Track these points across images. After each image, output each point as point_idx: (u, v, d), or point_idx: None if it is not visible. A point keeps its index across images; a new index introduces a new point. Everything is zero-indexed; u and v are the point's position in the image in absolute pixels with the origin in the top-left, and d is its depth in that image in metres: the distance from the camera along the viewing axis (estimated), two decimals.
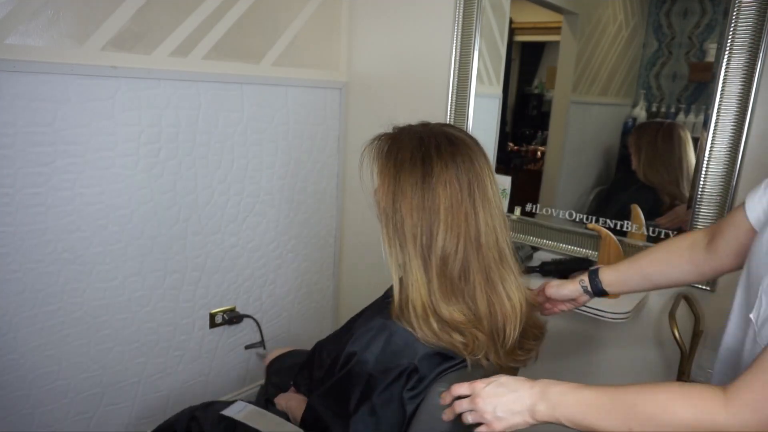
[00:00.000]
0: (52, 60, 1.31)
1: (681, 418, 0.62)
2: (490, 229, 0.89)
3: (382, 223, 0.92)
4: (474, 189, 0.88)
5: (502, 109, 1.77)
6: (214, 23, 1.59)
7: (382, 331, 0.90)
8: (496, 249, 0.91)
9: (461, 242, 0.87)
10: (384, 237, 0.91)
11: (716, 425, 0.60)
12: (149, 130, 1.51)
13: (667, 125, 1.42)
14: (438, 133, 0.92)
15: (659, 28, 1.39)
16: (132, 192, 1.51)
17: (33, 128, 1.30)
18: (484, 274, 0.89)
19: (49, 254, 1.39)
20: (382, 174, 0.91)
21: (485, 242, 0.89)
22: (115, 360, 1.59)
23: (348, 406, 0.90)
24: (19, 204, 1.32)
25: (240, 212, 1.79)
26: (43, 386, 1.45)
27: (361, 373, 0.90)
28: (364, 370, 0.89)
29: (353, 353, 0.92)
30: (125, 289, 1.56)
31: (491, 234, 0.90)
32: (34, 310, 1.39)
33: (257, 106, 1.75)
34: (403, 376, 0.87)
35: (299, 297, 2.07)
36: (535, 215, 1.65)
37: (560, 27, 1.59)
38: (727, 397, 0.60)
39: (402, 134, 0.94)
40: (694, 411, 0.61)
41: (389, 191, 0.89)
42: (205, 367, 1.83)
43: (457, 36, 1.68)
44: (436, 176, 0.87)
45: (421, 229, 0.87)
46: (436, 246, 0.86)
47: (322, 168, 2.01)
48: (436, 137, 0.91)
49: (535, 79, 1.75)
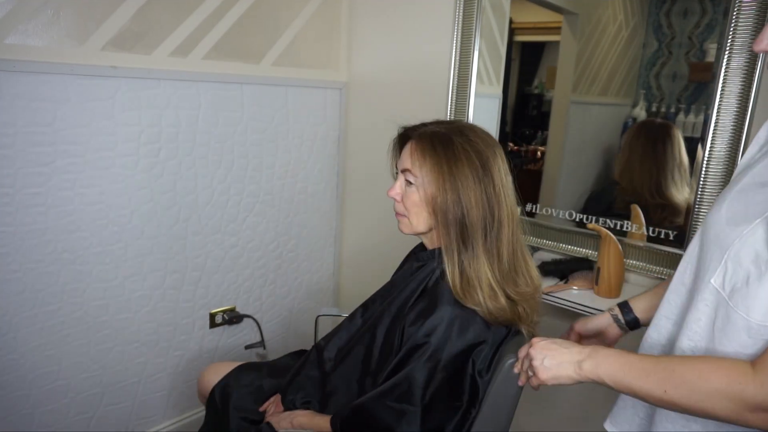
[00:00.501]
0: (52, 60, 1.31)
1: (714, 386, 0.66)
2: (515, 207, 1.01)
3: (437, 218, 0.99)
4: (505, 171, 1.00)
5: (502, 109, 1.77)
6: (214, 23, 1.59)
7: (449, 317, 0.96)
8: (520, 224, 1.04)
9: (512, 222, 0.99)
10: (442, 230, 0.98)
11: (745, 395, 0.64)
12: (149, 130, 1.51)
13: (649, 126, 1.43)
14: (464, 125, 1.03)
15: (659, 28, 1.39)
16: (132, 192, 1.51)
17: (33, 128, 1.31)
18: (521, 247, 1.03)
19: (49, 254, 1.39)
20: (434, 171, 0.98)
21: (518, 219, 1.02)
22: (115, 360, 1.59)
23: (424, 395, 0.94)
24: (19, 204, 1.32)
25: (240, 212, 1.79)
26: (43, 386, 1.46)
27: (432, 365, 0.95)
28: (435, 357, 0.95)
29: (420, 345, 0.96)
30: (125, 289, 1.56)
31: (517, 212, 1.02)
32: (34, 310, 1.39)
33: (257, 106, 1.75)
34: (474, 352, 0.96)
35: (299, 297, 2.07)
36: (535, 215, 1.65)
37: (560, 27, 1.59)
38: (755, 370, 0.64)
39: (432, 131, 1.01)
40: (727, 381, 0.65)
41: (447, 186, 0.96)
42: (205, 367, 1.82)
43: (457, 36, 1.68)
44: (490, 165, 0.97)
45: (485, 217, 0.96)
46: (500, 229, 0.98)
47: (322, 168, 2.01)
48: (464, 129, 1.01)
49: (535, 79, 1.75)
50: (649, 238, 1.43)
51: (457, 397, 0.97)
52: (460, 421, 0.97)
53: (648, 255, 1.43)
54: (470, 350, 0.96)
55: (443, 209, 0.97)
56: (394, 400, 0.95)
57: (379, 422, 0.96)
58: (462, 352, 0.96)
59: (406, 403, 0.94)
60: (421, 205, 1.01)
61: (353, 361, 1.11)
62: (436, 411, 0.95)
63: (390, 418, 0.95)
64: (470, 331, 0.96)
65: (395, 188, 1.04)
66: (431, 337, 0.95)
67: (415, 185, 1.01)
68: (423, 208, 1.01)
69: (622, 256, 1.36)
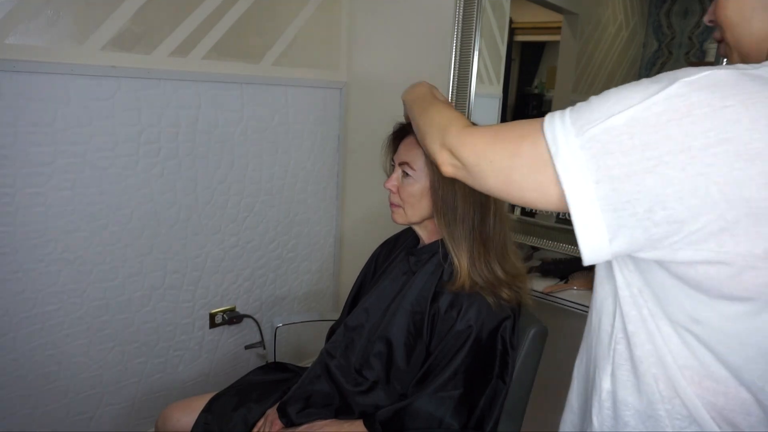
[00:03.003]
0: (52, 60, 1.31)
1: (437, 121, 0.74)
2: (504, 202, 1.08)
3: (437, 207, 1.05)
4: None
5: (502, 109, 1.77)
6: (214, 23, 1.59)
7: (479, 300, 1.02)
8: (507, 215, 1.11)
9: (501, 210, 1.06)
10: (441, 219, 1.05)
11: (456, 131, 0.69)
12: (149, 130, 1.51)
13: None
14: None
15: (659, 28, 1.39)
16: (132, 192, 1.51)
17: (33, 128, 1.31)
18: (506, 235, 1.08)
19: (49, 254, 1.39)
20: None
21: (505, 209, 1.08)
22: (115, 360, 1.59)
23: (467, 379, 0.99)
24: (19, 204, 1.32)
25: (240, 212, 1.79)
26: (43, 386, 1.45)
27: (476, 344, 1.00)
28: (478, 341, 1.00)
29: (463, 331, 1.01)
30: (125, 289, 1.56)
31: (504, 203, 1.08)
32: (34, 310, 1.39)
33: (257, 106, 1.75)
34: (501, 327, 1.02)
35: (299, 297, 2.07)
36: (535, 215, 1.65)
37: (560, 27, 1.59)
38: (464, 127, 0.68)
39: None
40: (447, 120, 0.72)
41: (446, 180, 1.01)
42: (205, 367, 1.83)
43: (457, 36, 1.68)
44: None
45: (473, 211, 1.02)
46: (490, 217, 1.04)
47: (322, 168, 2.01)
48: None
49: (535, 79, 1.75)
50: None
51: (489, 371, 1.01)
52: (490, 394, 1.00)
53: None
54: (499, 326, 1.02)
55: (444, 199, 1.03)
56: (450, 389, 0.99)
57: (426, 416, 0.99)
58: (494, 330, 1.01)
59: (452, 389, 0.99)
60: (420, 197, 1.07)
61: (377, 365, 1.10)
62: (474, 389, 1.00)
63: (436, 409, 0.99)
64: (500, 306, 1.03)
65: (391, 180, 1.11)
66: (473, 322, 1.01)
67: (413, 177, 1.07)
68: (421, 199, 1.07)
69: None
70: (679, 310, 0.55)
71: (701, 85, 0.49)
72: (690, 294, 0.53)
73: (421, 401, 0.99)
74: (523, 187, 0.59)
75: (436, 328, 1.04)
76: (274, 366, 1.38)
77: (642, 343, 0.59)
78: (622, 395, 0.63)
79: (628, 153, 0.50)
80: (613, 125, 0.51)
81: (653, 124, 0.49)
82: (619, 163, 0.50)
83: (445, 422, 0.97)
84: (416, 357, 1.06)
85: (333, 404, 1.13)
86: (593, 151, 0.52)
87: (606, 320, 0.65)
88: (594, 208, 0.52)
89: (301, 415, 1.13)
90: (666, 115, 0.49)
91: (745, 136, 0.46)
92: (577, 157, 0.53)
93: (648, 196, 0.49)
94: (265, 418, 1.18)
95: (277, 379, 1.30)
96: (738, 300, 0.51)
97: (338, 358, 1.16)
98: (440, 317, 1.03)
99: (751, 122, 0.46)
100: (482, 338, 1.00)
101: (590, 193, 0.52)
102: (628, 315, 0.60)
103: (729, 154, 0.46)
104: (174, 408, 1.26)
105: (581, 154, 0.52)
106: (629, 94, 0.52)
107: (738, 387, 0.55)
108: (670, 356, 0.57)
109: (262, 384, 1.28)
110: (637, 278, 0.59)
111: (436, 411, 0.98)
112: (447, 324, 1.02)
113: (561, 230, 1.60)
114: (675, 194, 0.48)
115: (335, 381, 1.14)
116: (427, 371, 1.02)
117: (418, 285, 1.09)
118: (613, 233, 0.52)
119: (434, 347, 1.03)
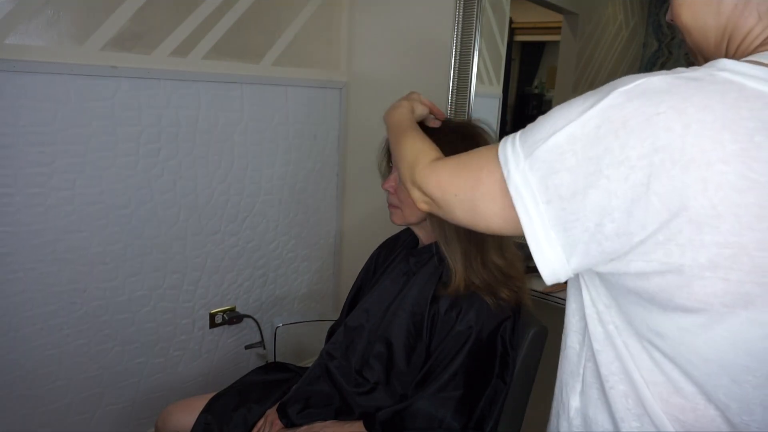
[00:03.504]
0: (52, 60, 1.31)
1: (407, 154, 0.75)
2: None
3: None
4: None
5: (502, 109, 1.77)
6: (214, 23, 1.59)
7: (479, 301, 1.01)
8: None
9: None
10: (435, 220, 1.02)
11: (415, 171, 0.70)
12: (149, 130, 1.51)
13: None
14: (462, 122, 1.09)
15: (659, 28, 1.39)
16: (132, 192, 1.51)
17: (33, 128, 1.30)
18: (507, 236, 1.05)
19: (49, 254, 1.39)
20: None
21: None
22: (115, 360, 1.59)
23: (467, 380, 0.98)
24: (19, 204, 1.32)
25: (240, 212, 1.79)
26: (43, 386, 1.45)
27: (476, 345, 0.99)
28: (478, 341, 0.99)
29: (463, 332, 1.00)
30: (125, 289, 1.56)
31: None
32: (34, 310, 1.39)
33: (257, 106, 1.75)
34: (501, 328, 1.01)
35: (299, 297, 2.07)
36: None
37: (560, 27, 1.60)
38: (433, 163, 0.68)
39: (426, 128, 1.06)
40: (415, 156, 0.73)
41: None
42: (205, 367, 1.83)
43: (457, 36, 1.67)
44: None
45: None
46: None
47: (322, 168, 2.01)
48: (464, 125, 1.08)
49: (535, 79, 1.75)
50: None
51: (489, 371, 1.01)
52: (491, 394, 1.00)
53: None
54: (499, 327, 1.01)
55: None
56: (451, 390, 0.99)
57: (426, 416, 0.99)
58: (493, 330, 1.01)
59: (453, 390, 0.98)
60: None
61: (377, 366, 1.10)
62: (474, 390, 1.00)
63: (437, 410, 0.98)
64: (499, 307, 1.02)
65: (389, 181, 1.11)
66: (473, 323, 1.00)
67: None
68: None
69: None
70: (643, 324, 0.54)
71: (635, 94, 0.48)
72: (647, 307, 0.52)
73: (422, 402, 0.99)
74: (488, 217, 0.59)
75: (435, 328, 1.04)
76: (274, 366, 1.38)
77: (610, 361, 0.58)
78: (592, 413, 0.62)
79: (573, 170, 0.50)
80: (556, 143, 0.51)
81: (592, 137, 0.49)
82: (564, 182, 0.50)
83: (445, 423, 0.97)
84: (416, 358, 1.06)
85: (333, 405, 1.13)
86: (541, 172, 0.52)
87: (573, 337, 0.64)
88: (547, 230, 0.52)
89: (301, 415, 1.13)
90: (603, 128, 0.48)
91: (678, 143, 0.45)
92: (527, 179, 0.53)
93: (595, 210, 0.49)
94: (265, 419, 1.18)
95: (277, 379, 1.30)
96: (692, 312, 0.49)
97: (339, 359, 1.16)
98: (440, 318, 1.03)
99: (683, 128, 0.45)
100: (482, 339, 1.00)
101: (542, 215, 0.52)
102: (594, 333, 0.60)
103: (665, 162, 0.45)
104: (174, 408, 1.26)
105: (530, 176, 0.52)
106: (570, 109, 0.52)
107: (706, 404, 0.53)
108: (638, 372, 0.56)
109: (263, 384, 1.28)
110: (603, 293, 0.58)
111: (436, 412, 0.98)
112: (447, 325, 1.02)
113: None
114: (620, 206, 0.48)
115: (335, 382, 1.14)
116: (427, 372, 1.02)
117: (418, 286, 1.09)
118: (569, 252, 0.52)
119: (434, 348, 1.03)
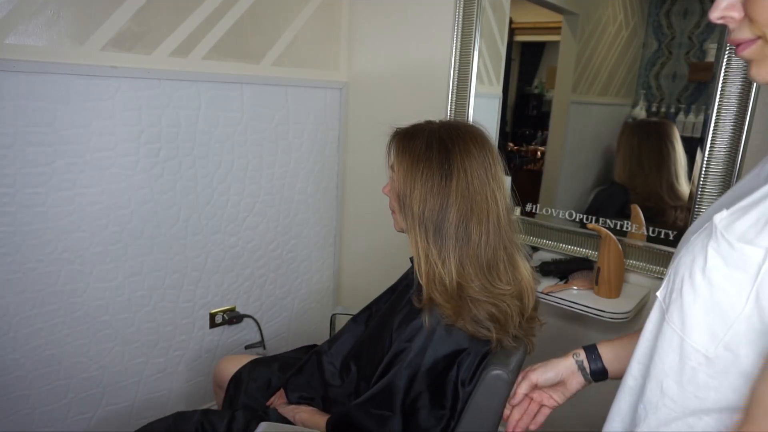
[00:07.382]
0: (52, 60, 1.31)
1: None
2: (505, 209, 0.96)
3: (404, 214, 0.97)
4: (494, 172, 0.95)
5: (502, 109, 1.77)
6: (214, 23, 1.59)
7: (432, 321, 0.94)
8: (509, 227, 0.97)
9: (490, 225, 0.93)
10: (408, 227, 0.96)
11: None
12: (149, 130, 1.51)
13: (650, 125, 1.43)
14: (451, 125, 0.99)
15: (659, 28, 1.39)
16: (132, 192, 1.51)
17: (33, 128, 1.30)
18: (507, 251, 0.96)
19: (49, 254, 1.39)
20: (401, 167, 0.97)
21: (505, 222, 0.96)
22: (115, 360, 1.59)
23: (404, 401, 0.93)
24: (19, 204, 1.32)
25: (240, 212, 1.79)
26: (43, 386, 1.46)
27: (412, 370, 0.93)
28: (416, 362, 0.93)
29: (402, 350, 0.95)
30: (125, 289, 1.56)
31: (507, 214, 0.96)
32: (34, 310, 1.39)
33: (257, 106, 1.75)
34: (459, 359, 0.94)
35: (299, 297, 2.07)
36: (535, 215, 1.65)
37: (560, 27, 1.59)
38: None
39: (416, 130, 1.00)
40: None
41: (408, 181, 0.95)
42: (205, 367, 1.83)
43: (457, 36, 1.68)
44: (457, 163, 0.93)
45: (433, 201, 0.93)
46: (470, 232, 0.92)
47: (322, 168, 2.01)
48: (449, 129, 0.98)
49: (535, 79, 1.75)
50: (649, 238, 1.43)
51: (441, 405, 0.95)
52: (444, 429, 0.96)
53: (648, 255, 1.43)
54: (454, 356, 0.94)
55: (407, 204, 0.95)
56: (376, 407, 0.95)
57: (362, 430, 0.97)
58: (445, 357, 0.93)
59: (387, 410, 0.94)
60: (395, 201, 1.01)
61: (356, 366, 1.13)
62: (419, 418, 0.94)
63: (372, 425, 0.95)
64: (454, 336, 0.93)
65: (386, 186, 1.07)
66: (412, 342, 0.94)
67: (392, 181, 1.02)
68: (396, 203, 1.01)
69: (622, 256, 1.36)
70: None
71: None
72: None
73: (355, 411, 0.99)
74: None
75: (392, 339, 1.01)
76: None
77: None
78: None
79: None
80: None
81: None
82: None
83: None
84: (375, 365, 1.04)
85: (320, 393, 1.18)
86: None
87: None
88: None
89: (294, 396, 1.20)
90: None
91: None
92: None
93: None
94: (282, 390, 1.25)
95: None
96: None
97: (332, 354, 1.20)
98: (393, 329, 1.00)
99: None
100: (422, 363, 0.93)
101: None
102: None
103: None
104: (226, 360, 1.44)
105: None
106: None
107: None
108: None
109: (298, 362, 1.32)
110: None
111: (364, 421, 0.97)
112: (394, 337, 0.99)
113: (561, 230, 1.60)
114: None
115: (322, 373, 1.19)
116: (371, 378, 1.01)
117: (399, 294, 1.10)
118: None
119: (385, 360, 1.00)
